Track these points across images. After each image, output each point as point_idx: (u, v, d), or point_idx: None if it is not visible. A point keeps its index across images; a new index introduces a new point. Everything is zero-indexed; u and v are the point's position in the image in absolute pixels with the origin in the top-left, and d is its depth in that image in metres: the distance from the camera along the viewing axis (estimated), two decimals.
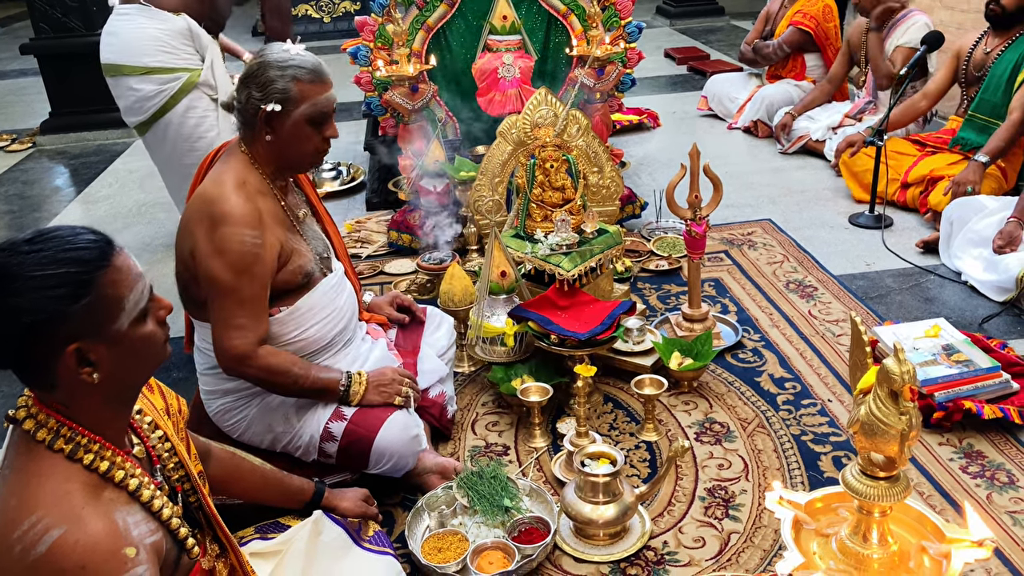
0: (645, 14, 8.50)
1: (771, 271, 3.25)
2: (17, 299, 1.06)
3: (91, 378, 1.13)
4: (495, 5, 3.50)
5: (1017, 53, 3.53)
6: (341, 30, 8.61)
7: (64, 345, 1.10)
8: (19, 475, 1.12)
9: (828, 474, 2.16)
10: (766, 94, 4.83)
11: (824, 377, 2.57)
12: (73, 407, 1.16)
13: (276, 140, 1.94)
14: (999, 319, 2.85)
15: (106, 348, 1.14)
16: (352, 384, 2.02)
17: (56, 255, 1.09)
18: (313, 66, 1.94)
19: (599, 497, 1.93)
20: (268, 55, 1.93)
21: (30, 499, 1.08)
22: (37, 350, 1.10)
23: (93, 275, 1.11)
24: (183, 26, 2.68)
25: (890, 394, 1.13)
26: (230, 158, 1.99)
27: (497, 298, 2.61)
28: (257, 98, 1.90)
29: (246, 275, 1.86)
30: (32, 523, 1.06)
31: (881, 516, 1.23)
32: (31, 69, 6.54)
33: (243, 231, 1.85)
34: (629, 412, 2.46)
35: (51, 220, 4.28)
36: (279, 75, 1.89)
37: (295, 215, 2.06)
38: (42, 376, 1.13)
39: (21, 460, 1.13)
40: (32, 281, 1.07)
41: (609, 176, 3.27)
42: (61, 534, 1.06)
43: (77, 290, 1.09)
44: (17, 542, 1.05)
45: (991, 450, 2.22)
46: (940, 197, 3.47)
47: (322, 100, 1.94)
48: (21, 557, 1.05)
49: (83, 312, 1.10)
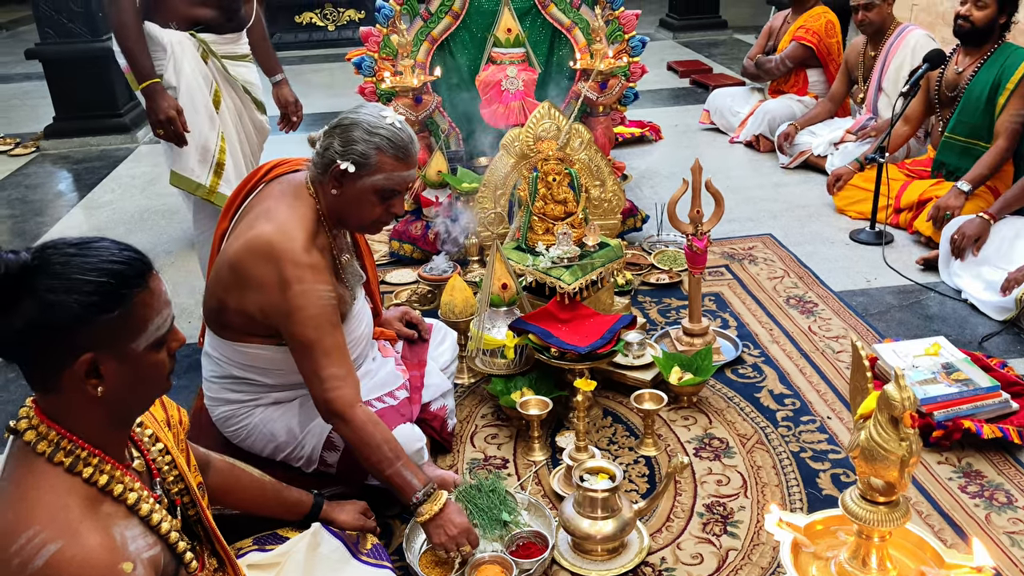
0: (648, 27, 8.53)
1: (772, 286, 3.25)
2: (52, 295, 1.07)
3: (95, 391, 1.13)
4: (499, 18, 3.52)
5: (993, 72, 3.45)
6: (345, 39, 8.64)
7: (80, 352, 1.10)
8: (17, 488, 1.11)
9: (827, 492, 2.16)
10: (768, 109, 4.84)
11: (823, 394, 2.57)
12: (71, 418, 1.16)
13: (340, 197, 1.90)
14: (999, 338, 2.86)
15: (117, 365, 1.14)
16: (426, 503, 1.84)
17: (99, 264, 1.11)
18: (401, 142, 1.87)
19: (597, 512, 1.93)
20: (364, 114, 1.87)
21: (28, 512, 1.08)
22: (52, 350, 1.10)
23: (129, 291, 1.13)
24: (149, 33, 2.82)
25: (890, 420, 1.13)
26: (297, 201, 1.91)
27: (498, 310, 2.61)
28: (337, 151, 1.85)
29: (327, 328, 1.83)
30: (29, 537, 1.05)
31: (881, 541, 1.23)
32: (36, 73, 6.55)
33: (320, 287, 1.83)
34: (628, 426, 2.46)
35: (53, 225, 4.29)
36: (365, 138, 1.84)
37: (340, 262, 2.04)
38: (47, 378, 1.13)
39: (20, 472, 1.13)
40: (70, 282, 1.08)
41: (611, 190, 3.27)
42: (58, 549, 1.05)
43: (110, 302, 1.11)
44: (15, 556, 1.05)
45: (990, 470, 2.21)
46: (925, 223, 3.48)
47: (397, 177, 1.89)
48: (18, 571, 1.05)
49: (108, 324, 1.11)
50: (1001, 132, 3.40)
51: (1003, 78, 3.41)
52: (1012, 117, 3.38)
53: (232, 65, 3.00)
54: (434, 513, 1.83)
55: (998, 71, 3.44)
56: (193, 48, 2.86)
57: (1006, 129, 3.39)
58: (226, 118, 2.98)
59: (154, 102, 2.78)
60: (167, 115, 2.77)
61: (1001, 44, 3.50)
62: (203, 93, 2.88)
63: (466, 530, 1.86)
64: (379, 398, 2.11)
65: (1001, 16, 3.45)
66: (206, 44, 2.89)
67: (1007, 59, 3.44)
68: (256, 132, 3.18)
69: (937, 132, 3.80)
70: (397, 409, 2.11)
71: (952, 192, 3.41)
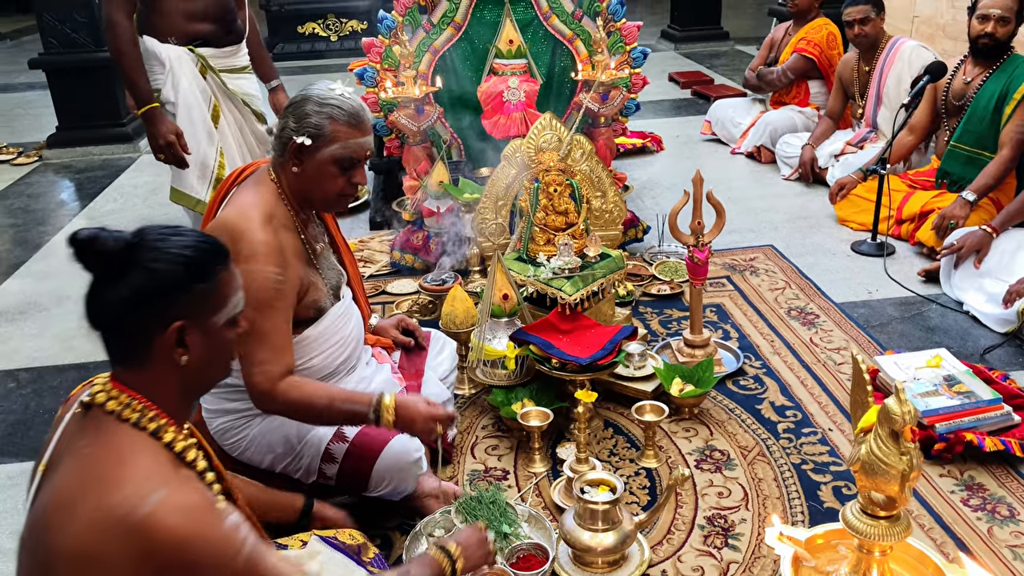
0: (650, 38, 8.56)
1: (773, 297, 3.25)
2: (155, 264, 1.20)
3: (181, 359, 1.24)
4: (501, 29, 3.53)
5: (1000, 83, 3.47)
6: (348, 49, 8.67)
7: (172, 320, 1.22)
8: (108, 448, 1.18)
9: (828, 504, 2.15)
10: (769, 120, 4.85)
11: (825, 406, 2.56)
12: (150, 389, 1.24)
13: (302, 174, 1.94)
14: (1001, 350, 2.85)
15: (200, 337, 1.26)
16: (381, 415, 1.88)
17: (190, 243, 1.25)
18: (352, 110, 1.92)
19: (598, 525, 1.92)
20: (313, 89, 1.93)
21: (127, 466, 1.15)
22: (150, 317, 1.21)
23: (215, 268, 1.27)
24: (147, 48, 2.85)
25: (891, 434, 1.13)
26: (259, 186, 1.97)
27: (499, 321, 2.61)
28: (292, 128, 1.90)
29: (267, 311, 1.85)
30: (134, 486, 1.12)
31: (882, 555, 1.23)
32: (39, 83, 6.57)
33: (268, 268, 1.84)
34: (629, 438, 2.46)
35: (56, 234, 4.30)
36: (316, 110, 1.89)
37: (313, 249, 2.05)
38: (139, 346, 1.22)
39: (104, 436, 1.19)
40: (170, 255, 1.22)
41: (612, 200, 3.28)
42: (163, 496, 1.12)
43: (202, 274, 1.24)
44: (118, 505, 1.10)
45: (992, 483, 2.21)
46: (928, 232, 3.48)
47: (353, 144, 1.93)
48: (125, 519, 1.09)
49: (199, 294, 1.24)
50: (1006, 142, 3.41)
51: (1010, 88, 3.42)
52: (1018, 127, 3.39)
53: (231, 79, 3.01)
54: (393, 418, 1.87)
55: (1006, 81, 3.46)
56: (191, 63, 2.88)
57: (1011, 140, 3.40)
58: (225, 132, 2.99)
59: (154, 127, 2.80)
60: (167, 140, 2.80)
61: (1010, 55, 3.51)
62: (201, 109, 2.90)
63: (429, 415, 1.88)
64: None
65: (1016, 30, 3.47)
66: (204, 59, 2.91)
67: (1015, 70, 3.45)
68: (258, 143, 3.19)
69: (943, 141, 3.81)
70: None
71: (957, 202, 3.41)
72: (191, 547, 1.11)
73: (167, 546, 1.09)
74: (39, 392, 2.91)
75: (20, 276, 3.83)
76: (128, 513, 1.09)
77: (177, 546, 1.10)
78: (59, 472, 1.18)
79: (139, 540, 1.09)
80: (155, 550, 1.09)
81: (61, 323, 3.37)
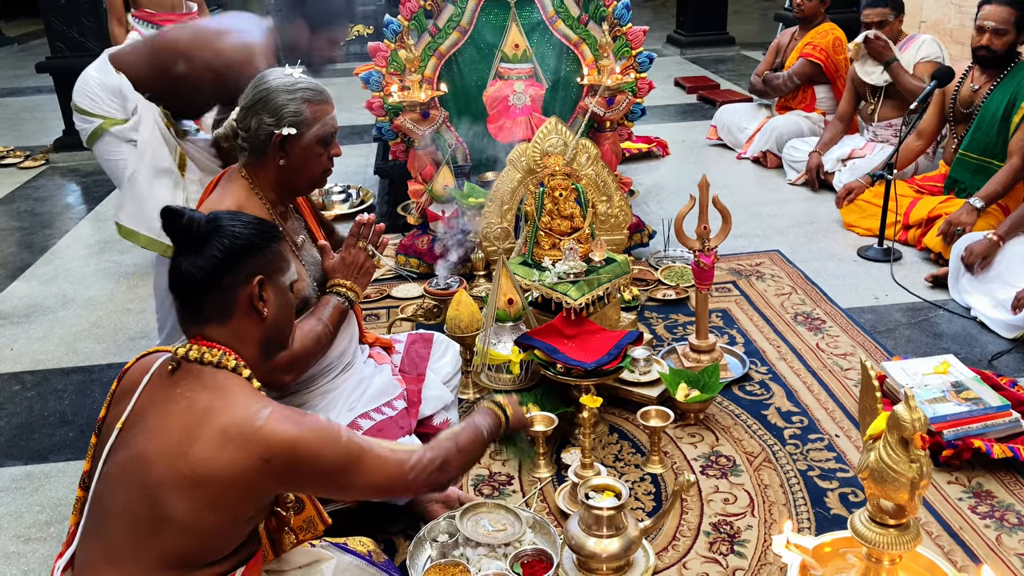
0: (656, 42, 8.55)
1: (779, 303, 3.24)
2: (235, 229, 1.45)
3: (263, 311, 1.46)
4: (507, 33, 3.53)
5: (1009, 91, 3.45)
6: (354, 53, 8.66)
7: (252, 275, 1.45)
8: (211, 389, 1.38)
9: (835, 511, 2.14)
10: (775, 125, 4.84)
11: (831, 412, 2.55)
12: (237, 345, 1.45)
13: (289, 164, 1.96)
14: (1009, 356, 2.83)
15: (273, 293, 1.49)
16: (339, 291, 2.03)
17: (253, 219, 1.51)
18: (317, 87, 1.99)
19: (603, 530, 1.91)
20: (272, 81, 1.95)
21: (232, 396, 1.38)
22: (236, 272, 1.43)
23: (276, 237, 1.52)
24: (114, 83, 2.81)
25: (900, 441, 1.11)
26: (229, 184, 2.00)
27: (504, 325, 2.60)
28: (269, 123, 1.91)
29: None
30: (244, 408, 1.37)
31: (891, 564, 1.21)
32: (46, 87, 6.59)
33: None
34: (635, 443, 2.45)
35: (62, 237, 4.30)
36: (290, 99, 1.92)
37: (293, 241, 2.07)
38: (227, 300, 1.44)
39: (205, 380, 1.40)
40: (243, 222, 1.48)
41: (618, 205, 3.27)
42: (269, 411, 1.38)
43: (269, 238, 1.50)
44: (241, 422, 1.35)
45: (1000, 490, 2.19)
46: (935, 238, 3.47)
47: (329, 120, 2.00)
48: (247, 430, 1.35)
49: (270, 254, 1.49)
50: (1015, 151, 3.39)
51: (1018, 97, 3.41)
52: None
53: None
54: (347, 285, 2.04)
55: (1014, 90, 3.44)
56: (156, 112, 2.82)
57: (1020, 148, 3.37)
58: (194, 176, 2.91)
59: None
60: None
61: (1018, 63, 3.50)
62: (166, 155, 2.80)
63: (357, 263, 2.06)
64: (377, 408, 2.09)
65: (1020, 39, 3.45)
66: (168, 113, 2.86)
67: (1023, 79, 3.43)
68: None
69: (951, 149, 3.79)
70: (396, 420, 2.09)
71: (965, 208, 3.40)
72: (301, 443, 1.35)
73: (281, 447, 1.33)
74: (43, 395, 2.91)
75: (26, 279, 3.83)
76: (249, 426, 1.33)
77: (289, 445, 1.34)
78: (152, 418, 1.39)
79: (261, 447, 1.32)
80: (274, 454, 1.33)
81: (66, 326, 3.37)
